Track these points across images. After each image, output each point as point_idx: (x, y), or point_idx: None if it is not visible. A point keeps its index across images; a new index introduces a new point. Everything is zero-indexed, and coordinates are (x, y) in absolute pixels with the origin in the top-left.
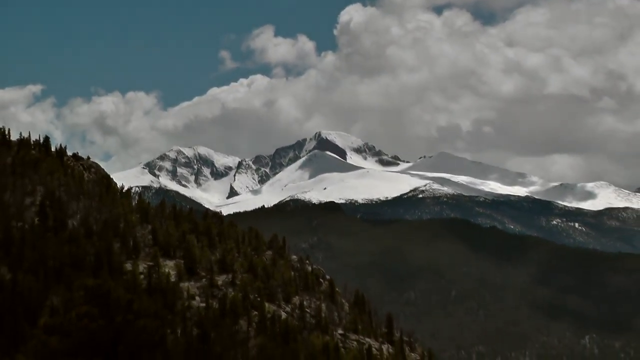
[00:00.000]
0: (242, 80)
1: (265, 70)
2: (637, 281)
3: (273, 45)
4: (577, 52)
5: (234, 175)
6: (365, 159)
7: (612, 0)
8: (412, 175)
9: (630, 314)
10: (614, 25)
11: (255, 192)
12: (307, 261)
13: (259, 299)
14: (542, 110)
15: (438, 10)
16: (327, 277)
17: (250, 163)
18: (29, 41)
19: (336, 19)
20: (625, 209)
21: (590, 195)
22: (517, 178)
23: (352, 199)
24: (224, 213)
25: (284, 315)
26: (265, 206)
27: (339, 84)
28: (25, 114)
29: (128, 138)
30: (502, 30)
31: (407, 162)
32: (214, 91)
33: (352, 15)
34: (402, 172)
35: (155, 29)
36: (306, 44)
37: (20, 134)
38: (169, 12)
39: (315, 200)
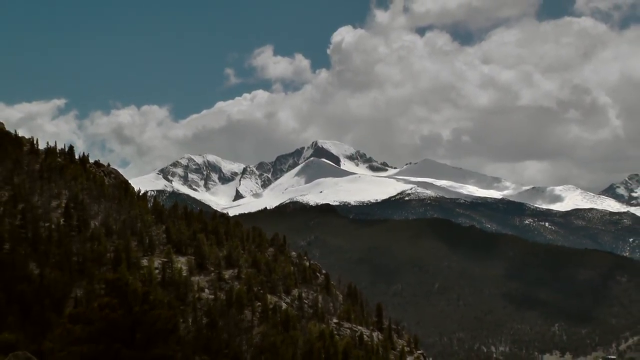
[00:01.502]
0: (246, 95)
1: (266, 85)
2: (601, 275)
3: (273, 63)
4: (545, 69)
5: (240, 180)
6: (357, 165)
7: (577, 22)
8: (399, 179)
9: (595, 304)
10: (578, 44)
11: (258, 195)
12: (305, 257)
13: (262, 291)
14: (514, 121)
15: (420, 31)
16: (323, 271)
17: (254, 169)
18: (54, 60)
19: (329, 39)
20: (591, 209)
21: (558, 198)
22: (492, 182)
23: (346, 201)
24: (231, 214)
25: (284, 305)
26: (268, 208)
27: (332, 98)
28: (51, 125)
29: (143, 147)
30: (479, 49)
31: (395, 167)
32: (220, 104)
33: (343, 36)
34: (390, 177)
35: (167, 50)
36: (302, 62)
37: (47, 143)
38: (179, 35)
39: (312, 203)
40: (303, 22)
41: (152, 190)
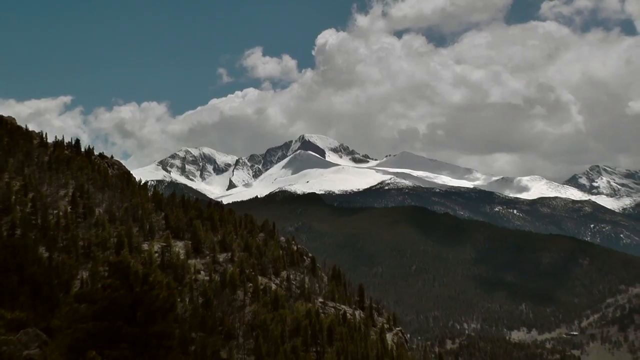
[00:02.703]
0: (237, 93)
1: (256, 84)
2: (564, 258)
3: (262, 64)
4: (513, 69)
5: (233, 171)
6: (340, 157)
7: (542, 26)
8: (379, 170)
9: (559, 284)
10: (543, 46)
11: (250, 185)
12: (293, 242)
13: (253, 273)
14: (485, 116)
15: (398, 34)
16: (310, 255)
17: (246, 161)
18: (61, 60)
19: (314, 41)
20: (555, 198)
21: (525, 187)
22: (465, 173)
23: (330, 191)
24: (224, 202)
25: (274, 286)
26: (258, 196)
27: (317, 95)
28: (58, 121)
29: (143, 140)
30: (452, 51)
31: (375, 159)
32: (213, 101)
33: (327, 38)
34: (371, 168)
35: (166, 52)
36: (289, 62)
37: (55, 137)
38: (176, 38)
39: (299, 192)
40: (290, 25)
41: (152, 181)
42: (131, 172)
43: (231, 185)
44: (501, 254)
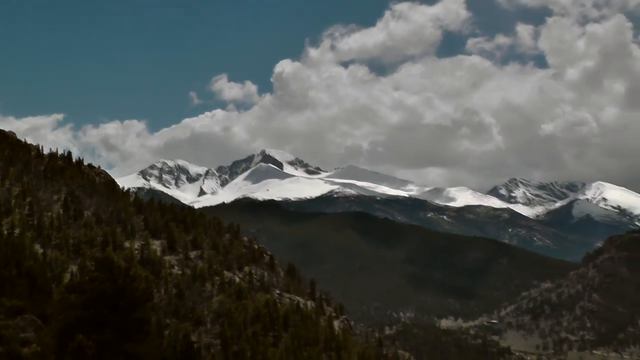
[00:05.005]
0: (207, 113)
1: (222, 106)
2: (486, 257)
3: (227, 88)
4: (443, 95)
5: (203, 180)
6: (296, 169)
7: (468, 59)
8: (328, 181)
9: (481, 280)
10: (468, 76)
11: (217, 192)
12: (255, 242)
13: (220, 268)
14: (419, 136)
15: (345, 64)
16: (269, 253)
17: (215, 171)
18: (54, 83)
19: (272, 70)
20: (479, 206)
21: (453, 197)
22: (402, 184)
23: (287, 198)
24: (196, 207)
25: (237, 279)
26: (225, 202)
27: (275, 116)
28: (52, 135)
29: (125, 153)
30: (391, 79)
31: (326, 171)
32: (186, 121)
33: (284, 67)
34: (322, 178)
35: (145, 78)
36: (251, 88)
37: (50, 149)
38: (154, 67)
39: (260, 199)
40: (251, 56)
41: (134, 188)
42: (115, 180)
43: (202, 193)
44: (432, 254)
